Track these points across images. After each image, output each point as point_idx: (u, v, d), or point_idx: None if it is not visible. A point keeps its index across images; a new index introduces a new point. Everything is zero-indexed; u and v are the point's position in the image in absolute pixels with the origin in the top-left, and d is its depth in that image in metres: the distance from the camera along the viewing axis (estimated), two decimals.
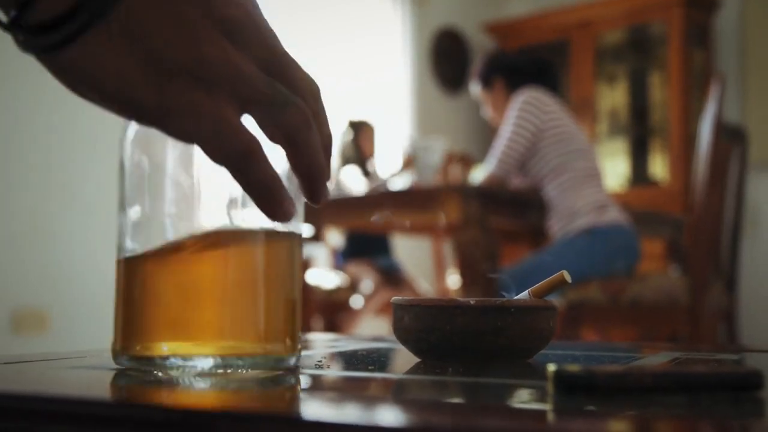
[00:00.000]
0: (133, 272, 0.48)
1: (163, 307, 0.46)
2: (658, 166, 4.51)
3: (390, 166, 3.35)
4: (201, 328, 0.46)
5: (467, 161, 3.05)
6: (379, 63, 4.29)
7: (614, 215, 2.44)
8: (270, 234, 0.48)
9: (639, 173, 4.61)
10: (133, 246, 0.48)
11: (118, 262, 0.49)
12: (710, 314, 2.40)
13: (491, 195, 2.31)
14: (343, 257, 3.63)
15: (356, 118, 3.69)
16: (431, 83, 4.74)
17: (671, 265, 3.04)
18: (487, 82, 2.60)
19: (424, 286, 3.65)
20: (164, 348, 0.45)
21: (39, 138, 2.94)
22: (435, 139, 3.05)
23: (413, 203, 2.31)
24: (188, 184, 0.47)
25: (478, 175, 2.53)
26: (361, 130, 3.60)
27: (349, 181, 3.18)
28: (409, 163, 2.78)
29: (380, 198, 2.48)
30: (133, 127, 0.48)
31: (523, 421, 0.34)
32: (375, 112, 4.07)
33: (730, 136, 2.70)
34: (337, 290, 3.35)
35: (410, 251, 4.05)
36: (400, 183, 2.67)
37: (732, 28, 4.42)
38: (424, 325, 0.54)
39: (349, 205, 2.56)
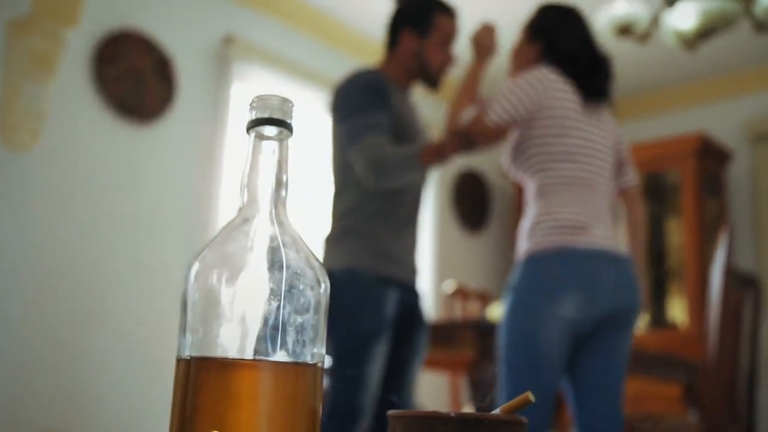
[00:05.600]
0: (188, 385, 0.59)
1: (212, 414, 0.58)
2: (677, 310, 4.55)
3: None
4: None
5: (484, 298, 3.14)
6: None
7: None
8: (299, 364, 0.60)
9: (658, 316, 4.65)
10: (190, 361, 0.60)
11: (177, 375, 0.60)
12: None
13: None
14: None
15: None
16: (452, 222, 4.90)
17: (689, 410, 3.04)
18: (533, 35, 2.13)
19: None
20: None
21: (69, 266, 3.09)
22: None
23: (431, 339, 2.39)
24: (237, 314, 0.59)
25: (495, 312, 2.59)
26: None
27: None
28: None
29: None
30: (195, 267, 0.61)
31: None
32: None
33: (742, 283, 2.77)
34: None
35: (428, 386, 4.06)
36: None
37: (744, 178, 4.58)
38: None
39: None
